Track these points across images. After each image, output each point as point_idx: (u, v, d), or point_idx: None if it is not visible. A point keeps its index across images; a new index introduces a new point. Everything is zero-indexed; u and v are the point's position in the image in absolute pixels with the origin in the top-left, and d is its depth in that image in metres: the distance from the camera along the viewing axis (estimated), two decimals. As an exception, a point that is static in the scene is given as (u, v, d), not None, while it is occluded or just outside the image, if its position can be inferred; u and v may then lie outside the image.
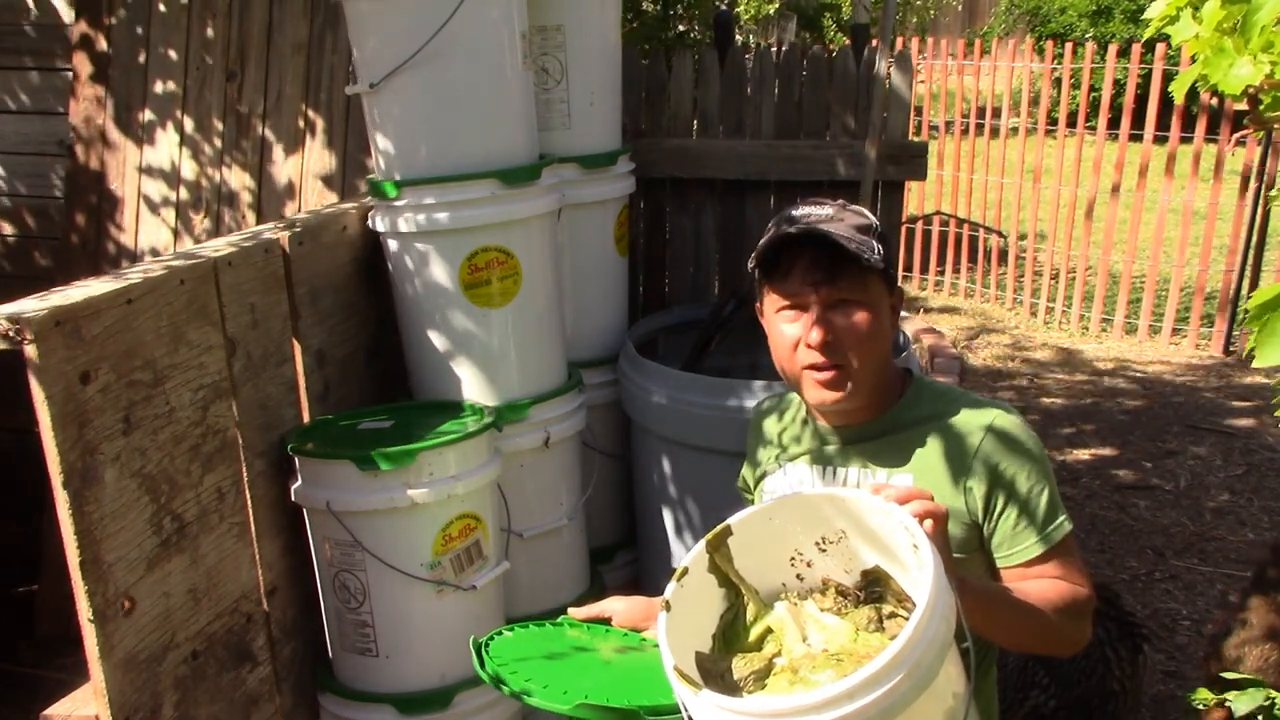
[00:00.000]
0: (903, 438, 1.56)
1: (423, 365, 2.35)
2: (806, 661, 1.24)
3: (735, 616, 1.33)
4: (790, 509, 1.35)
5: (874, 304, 1.51)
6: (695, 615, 1.31)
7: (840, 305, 1.49)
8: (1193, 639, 3.27)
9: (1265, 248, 5.65)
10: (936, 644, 1.12)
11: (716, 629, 1.33)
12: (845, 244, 1.45)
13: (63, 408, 1.55)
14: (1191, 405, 5.04)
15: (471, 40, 2.16)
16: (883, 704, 1.07)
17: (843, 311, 1.49)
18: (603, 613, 1.49)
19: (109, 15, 3.12)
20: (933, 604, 1.11)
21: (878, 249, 1.49)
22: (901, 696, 1.08)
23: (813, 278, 1.48)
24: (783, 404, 1.74)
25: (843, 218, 1.51)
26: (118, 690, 1.66)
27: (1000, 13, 13.01)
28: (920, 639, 1.09)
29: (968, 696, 1.23)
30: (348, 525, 2.00)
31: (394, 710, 2.08)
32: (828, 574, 1.35)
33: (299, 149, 2.97)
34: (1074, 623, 1.50)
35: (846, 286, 1.48)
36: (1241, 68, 0.90)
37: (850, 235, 1.48)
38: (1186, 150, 5.68)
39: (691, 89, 3.03)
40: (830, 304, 1.49)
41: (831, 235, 1.46)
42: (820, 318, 1.49)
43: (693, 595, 1.30)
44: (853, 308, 1.50)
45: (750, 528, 1.34)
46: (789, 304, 1.52)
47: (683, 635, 1.25)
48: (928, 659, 1.10)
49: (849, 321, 1.49)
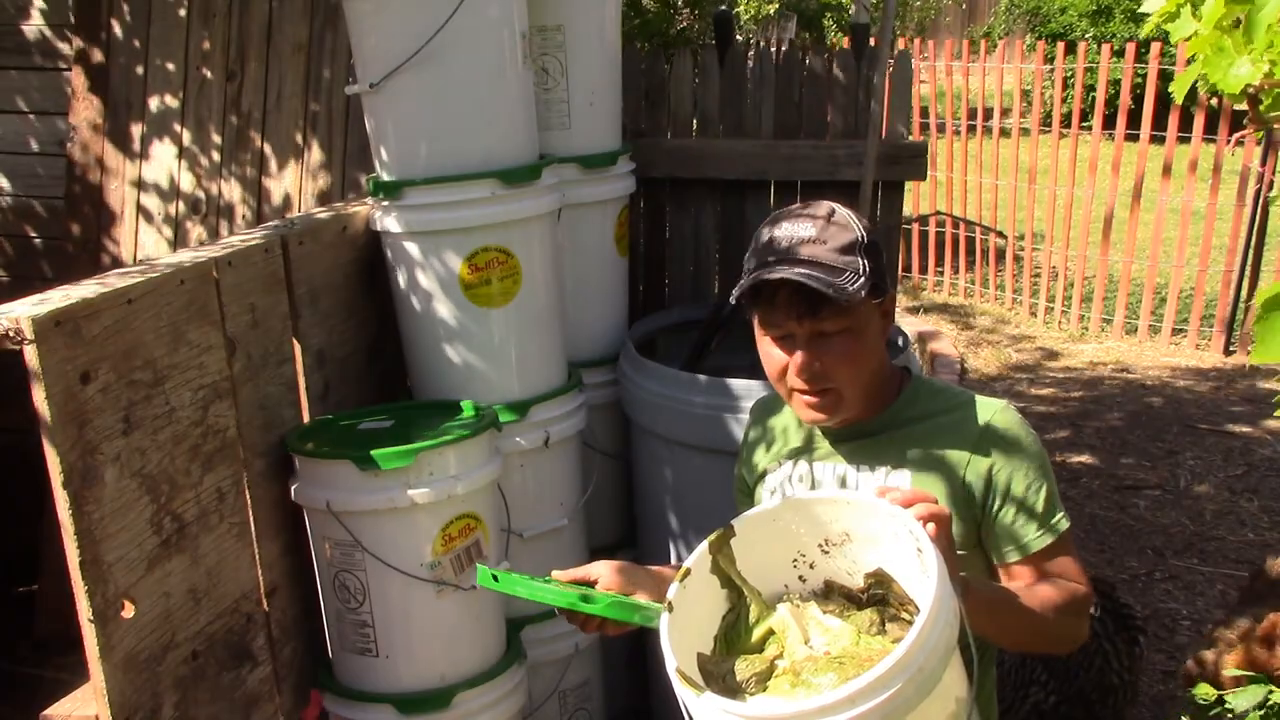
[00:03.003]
0: (900, 436, 1.56)
1: (423, 365, 2.35)
2: (808, 664, 1.24)
3: (737, 618, 1.34)
4: (793, 511, 1.35)
5: (860, 326, 1.49)
6: (697, 616, 1.31)
7: (825, 334, 1.48)
8: (1193, 639, 3.27)
9: (1265, 248, 5.65)
10: (940, 649, 1.12)
11: (719, 630, 1.33)
12: (825, 287, 1.42)
13: (63, 408, 1.55)
14: (1191, 405, 5.04)
15: (471, 40, 2.16)
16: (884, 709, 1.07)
17: (828, 340, 1.48)
18: (588, 575, 1.48)
19: (109, 14, 3.12)
20: (936, 610, 1.11)
21: (863, 269, 1.46)
22: (904, 702, 1.08)
23: (795, 311, 1.46)
24: (780, 401, 1.74)
25: (826, 238, 1.46)
26: (118, 690, 1.66)
27: (1000, 13, 13.01)
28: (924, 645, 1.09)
29: (970, 700, 1.23)
30: (348, 525, 2.00)
31: (394, 710, 2.08)
32: (830, 576, 1.35)
33: (299, 149, 2.97)
34: (1072, 621, 1.50)
35: (830, 315, 1.46)
36: (1241, 67, 0.90)
37: (833, 262, 1.44)
38: (1185, 150, 5.68)
39: (691, 89, 3.03)
40: (814, 334, 1.48)
41: (809, 279, 1.42)
42: (805, 348, 1.48)
43: (695, 596, 1.30)
44: (837, 336, 1.48)
45: (753, 529, 1.34)
46: (773, 334, 1.51)
47: (685, 636, 1.25)
48: (931, 664, 1.10)
49: (834, 349, 1.48)
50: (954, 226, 6.82)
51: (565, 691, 2.54)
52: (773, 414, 1.72)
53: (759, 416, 1.76)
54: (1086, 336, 6.08)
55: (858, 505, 1.31)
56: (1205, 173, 5.87)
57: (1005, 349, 5.91)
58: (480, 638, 2.18)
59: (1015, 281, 6.55)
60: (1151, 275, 5.87)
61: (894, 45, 5.36)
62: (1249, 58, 0.89)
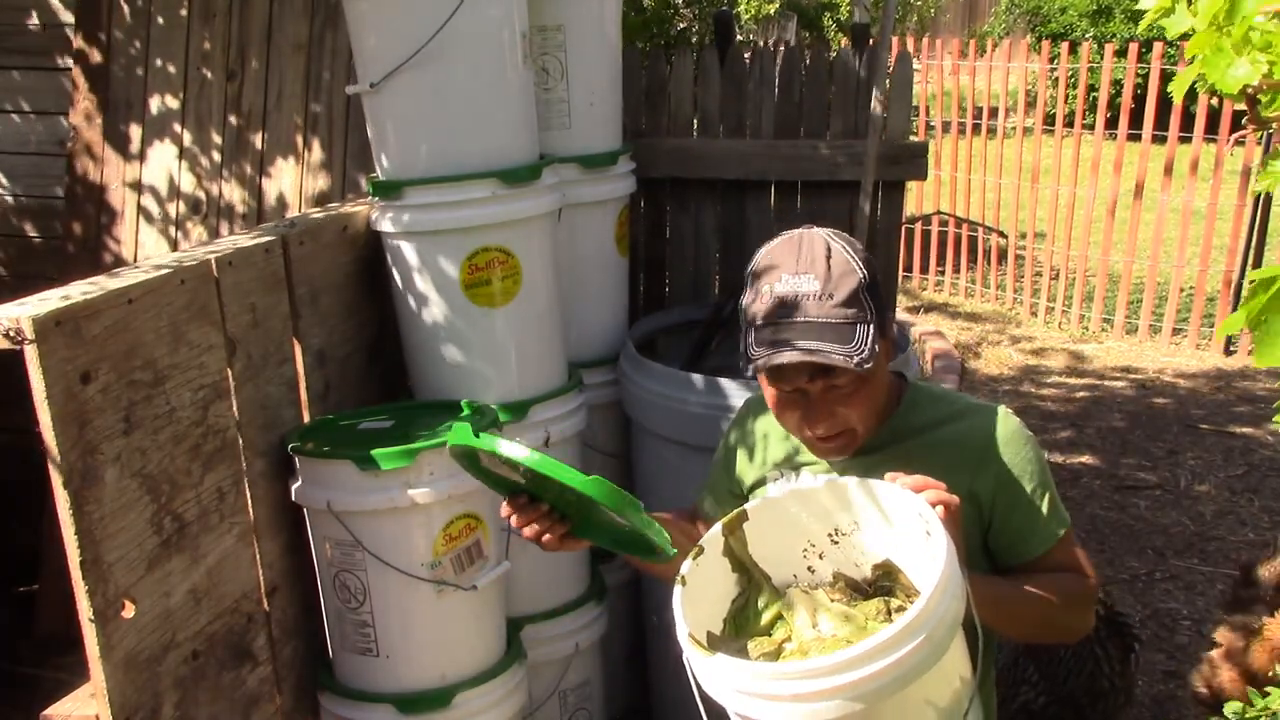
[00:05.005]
0: (903, 448, 1.55)
1: (423, 365, 2.35)
2: (816, 645, 1.26)
3: (747, 602, 1.36)
4: (804, 499, 1.36)
5: (871, 373, 1.45)
6: (708, 595, 1.32)
7: (837, 389, 1.45)
8: (1193, 639, 3.27)
9: (1265, 248, 5.65)
10: (948, 619, 1.13)
11: (728, 613, 1.35)
12: (842, 360, 1.38)
13: (63, 408, 1.55)
14: (1191, 405, 5.04)
15: (472, 40, 2.16)
16: (893, 672, 1.09)
17: (841, 394, 1.45)
18: None
19: (109, 14, 3.12)
20: (945, 580, 1.13)
21: (871, 318, 1.42)
22: (910, 668, 1.09)
23: (808, 373, 1.43)
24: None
25: (831, 291, 1.41)
26: (118, 690, 1.66)
27: (1000, 12, 13.01)
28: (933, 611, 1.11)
29: (973, 684, 1.24)
30: (348, 525, 2.00)
31: (394, 710, 2.08)
32: (839, 567, 1.36)
33: (299, 149, 2.97)
34: (1076, 610, 1.53)
35: (842, 373, 1.42)
36: (1239, 68, 0.90)
37: (842, 320, 1.40)
38: (1186, 150, 5.68)
39: (691, 89, 3.03)
40: (827, 388, 1.44)
41: (824, 357, 1.38)
42: (820, 403, 1.45)
43: (707, 575, 1.32)
44: (850, 389, 1.45)
45: (765, 515, 1.36)
46: (784, 390, 1.47)
47: (696, 612, 1.27)
48: (939, 633, 1.12)
49: (848, 398, 1.45)
50: (955, 226, 6.82)
51: (565, 691, 2.54)
52: (767, 420, 1.66)
53: (750, 421, 1.71)
54: (1087, 336, 6.08)
55: (869, 489, 1.32)
56: (1206, 172, 5.87)
57: (1006, 349, 5.90)
58: (480, 637, 2.18)
59: (1016, 281, 6.55)
60: (1152, 275, 5.87)
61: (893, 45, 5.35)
62: (1247, 58, 0.89)
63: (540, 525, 1.43)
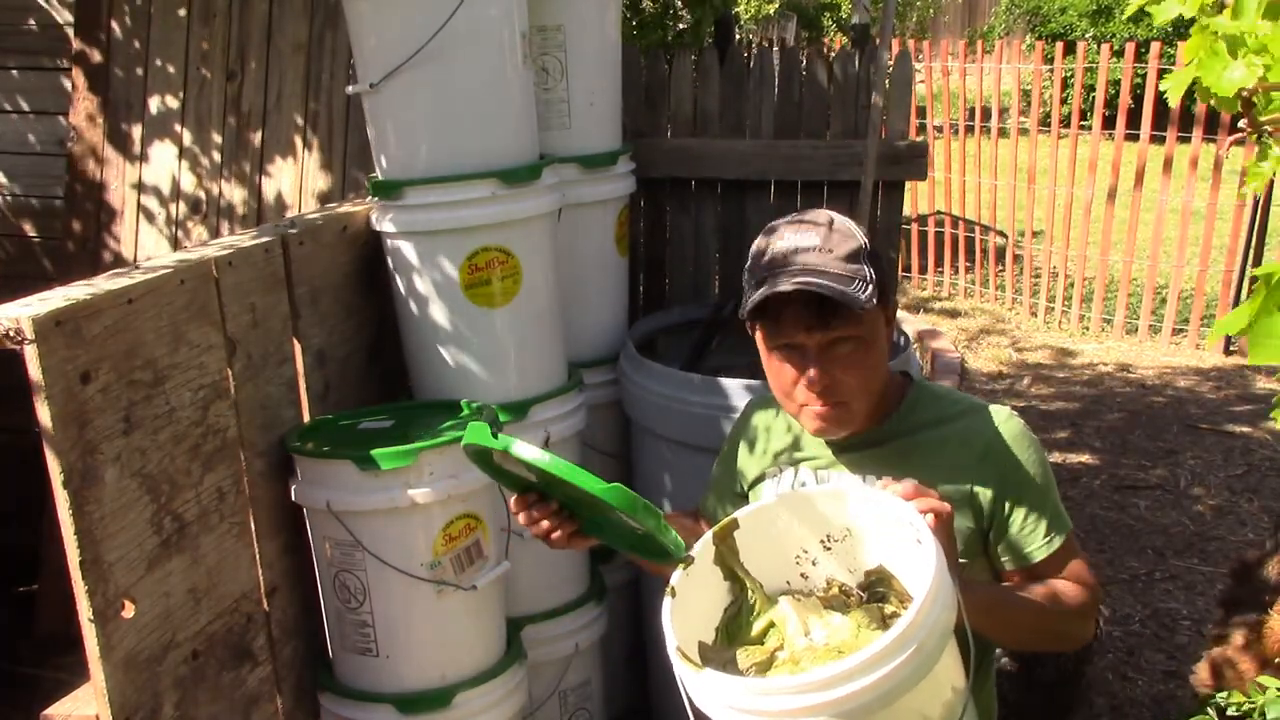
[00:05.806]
0: (904, 445, 1.55)
1: (423, 365, 2.35)
2: (808, 654, 1.25)
3: (739, 610, 1.34)
4: (796, 505, 1.35)
5: (869, 335, 1.46)
6: (699, 605, 1.31)
7: (836, 344, 1.44)
8: (1193, 639, 3.27)
9: (1265, 248, 5.65)
10: (938, 630, 1.12)
11: (720, 622, 1.34)
12: (837, 295, 1.39)
13: (63, 408, 1.55)
14: (1191, 405, 5.04)
15: (472, 40, 2.16)
16: (882, 687, 1.07)
17: (839, 351, 1.44)
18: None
19: (109, 14, 3.12)
20: (935, 590, 1.12)
21: (870, 277, 1.43)
22: (902, 680, 1.08)
23: (805, 323, 1.42)
24: (777, 404, 1.72)
25: (831, 246, 1.43)
26: (118, 690, 1.66)
27: (1000, 12, 13.01)
28: (923, 622, 1.10)
29: (966, 694, 1.23)
30: (348, 525, 2.00)
31: (394, 710, 2.08)
32: (831, 574, 1.35)
33: (299, 149, 2.97)
34: (1076, 620, 1.50)
35: (841, 325, 1.42)
36: (1235, 71, 0.90)
37: (841, 270, 1.41)
38: (1185, 150, 5.68)
39: (691, 89, 3.03)
40: (825, 345, 1.44)
41: (823, 289, 1.39)
42: (817, 362, 1.44)
43: (698, 585, 1.31)
44: (849, 345, 1.45)
45: (756, 522, 1.35)
46: (781, 348, 1.47)
47: (686, 622, 1.26)
48: (929, 644, 1.11)
49: (846, 360, 1.45)
50: (954, 226, 6.82)
51: (565, 691, 2.55)
52: (771, 417, 1.69)
53: (754, 417, 1.72)
54: (1087, 336, 6.08)
55: (859, 498, 1.32)
56: (1205, 172, 5.87)
57: (1005, 349, 5.91)
58: (480, 637, 2.18)
59: (1015, 281, 6.55)
60: (1152, 275, 5.87)
61: (893, 45, 5.35)
62: (1243, 61, 0.89)
63: (550, 523, 1.43)
